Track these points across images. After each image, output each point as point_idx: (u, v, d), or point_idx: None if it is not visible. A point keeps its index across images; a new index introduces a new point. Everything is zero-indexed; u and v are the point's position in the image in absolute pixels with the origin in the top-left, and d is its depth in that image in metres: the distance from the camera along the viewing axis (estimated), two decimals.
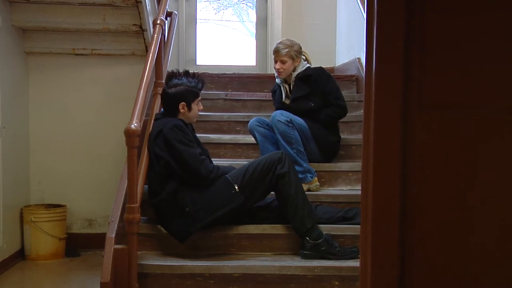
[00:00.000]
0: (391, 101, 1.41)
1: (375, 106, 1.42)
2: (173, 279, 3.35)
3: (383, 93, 1.42)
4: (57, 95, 5.10)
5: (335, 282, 3.36)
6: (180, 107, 3.67)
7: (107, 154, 5.06)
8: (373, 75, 1.43)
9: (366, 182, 1.47)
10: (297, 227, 3.52)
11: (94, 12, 4.70)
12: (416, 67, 1.41)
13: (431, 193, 1.43)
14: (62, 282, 4.29)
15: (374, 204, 1.44)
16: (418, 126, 1.42)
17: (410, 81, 1.41)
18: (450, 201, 1.42)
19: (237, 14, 6.99)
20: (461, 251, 1.43)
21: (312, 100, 4.15)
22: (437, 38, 1.41)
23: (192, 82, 3.71)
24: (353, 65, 5.33)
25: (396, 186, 1.42)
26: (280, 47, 4.18)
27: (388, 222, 1.43)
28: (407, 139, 1.42)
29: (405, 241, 1.43)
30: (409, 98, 1.41)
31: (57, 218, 4.81)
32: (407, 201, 1.42)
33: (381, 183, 1.43)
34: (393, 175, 1.42)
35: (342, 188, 4.15)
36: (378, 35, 1.42)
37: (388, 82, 1.41)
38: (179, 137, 3.47)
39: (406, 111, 1.41)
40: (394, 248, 1.43)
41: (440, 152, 1.42)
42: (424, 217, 1.43)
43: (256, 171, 3.49)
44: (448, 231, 1.43)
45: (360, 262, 1.51)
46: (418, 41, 1.40)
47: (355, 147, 4.39)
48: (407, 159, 1.42)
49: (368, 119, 1.45)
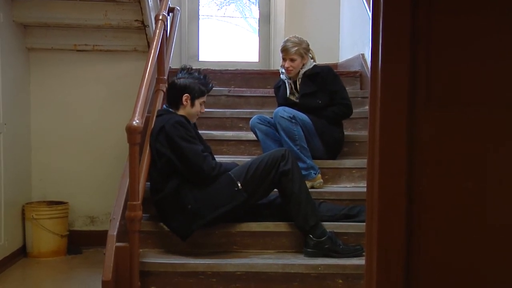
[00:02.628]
0: (397, 97, 1.40)
1: (381, 103, 1.41)
2: (175, 277, 3.33)
3: (389, 89, 1.40)
4: (58, 92, 5.09)
5: (339, 281, 3.33)
6: (183, 98, 3.64)
7: (109, 150, 5.05)
8: (379, 71, 1.41)
9: (371, 180, 1.46)
10: (301, 224, 3.50)
11: (96, 8, 4.68)
12: (423, 63, 1.39)
13: (438, 191, 1.41)
14: (63, 280, 4.28)
15: (380, 202, 1.42)
16: (425, 123, 1.40)
17: (416, 78, 1.39)
18: (457, 199, 1.41)
19: (239, 10, 6.95)
20: (469, 249, 1.41)
21: (319, 98, 4.13)
22: (443, 34, 1.39)
23: (202, 80, 3.72)
24: (356, 61, 5.30)
25: (402, 184, 1.41)
26: (289, 46, 4.15)
27: (394, 220, 1.42)
28: (414, 136, 1.40)
29: (412, 240, 1.41)
30: (416, 94, 1.39)
31: (58, 215, 4.80)
32: (413, 199, 1.41)
33: (387, 181, 1.42)
34: (399, 173, 1.41)
35: (346, 185, 4.12)
36: (384, 31, 1.40)
37: (394, 78, 1.40)
38: (181, 134, 3.45)
39: (412, 108, 1.40)
40: (400, 247, 1.41)
41: (447, 149, 1.40)
42: (430, 215, 1.41)
43: (259, 168, 3.46)
44: (456, 230, 1.41)
45: (366, 261, 1.50)
46: (425, 37, 1.39)
47: (358, 143, 4.36)
48: (413, 156, 1.41)
49: (374, 116, 1.44)
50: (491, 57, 1.39)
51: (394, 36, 1.39)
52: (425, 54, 1.39)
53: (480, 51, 1.39)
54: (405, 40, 1.38)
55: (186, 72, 3.75)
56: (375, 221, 1.44)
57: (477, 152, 1.40)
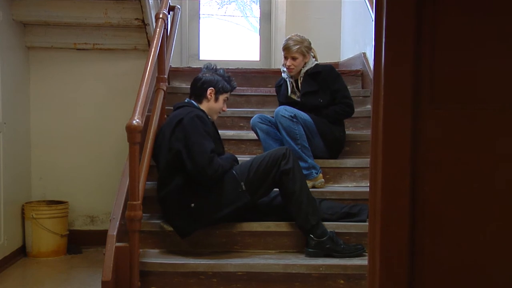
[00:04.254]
0: (401, 97, 1.39)
1: (384, 102, 1.40)
2: (176, 277, 3.31)
3: (392, 88, 1.39)
4: (58, 90, 5.07)
5: (340, 281, 3.32)
6: (208, 91, 3.68)
7: (109, 149, 5.04)
8: (382, 70, 1.40)
9: (374, 180, 1.45)
10: (301, 224, 3.48)
11: (96, 6, 4.66)
12: (427, 62, 1.38)
13: (443, 191, 1.40)
14: (63, 280, 4.26)
15: (383, 202, 1.41)
16: (430, 122, 1.39)
17: (420, 76, 1.38)
18: (462, 200, 1.40)
19: (240, 9, 6.93)
20: (473, 251, 1.40)
21: (320, 97, 4.12)
22: (448, 32, 1.38)
23: (226, 78, 3.78)
24: (358, 59, 5.28)
25: (405, 184, 1.40)
26: (291, 44, 4.13)
27: (398, 221, 1.41)
28: (417, 135, 1.39)
29: (415, 240, 1.40)
30: (420, 93, 1.38)
31: (58, 215, 4.78)
32: (417, 199, 1.40)
33: (390, 181, 1.41)
34: (402, 173, 1.40)
35: (347, 184, 4.11)
36: (387, 29, 1.39)
37: (398, 77, 1.38)
38: (198, 128, 3.44)
39: (416, 107, 1.38)
40: (404, 247, 1.40)
41: (451, 149, 1.39)
42: (435, 216, 1.40)
43: (260, 167, 3.45)
44: (460, 231, 1.40)
45: (368, 262, 1.49)
46: (429, 36, 1.38)
47: (360, 143, 4.35)
48: (417, 156, 1.39)
49: (376, 115, 1.42)
50: (496, 56, 1.38)
51: (398, 34, 1.38)
52: (430, 52, 1.37)
53: (484, 50, 1.38)
54: (409, 38, 1.37)
55: (211, 69, 3.81)
56: (378, 221, 1.42)
57: (482, 152, 1.39)
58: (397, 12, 1.37)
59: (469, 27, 1.38)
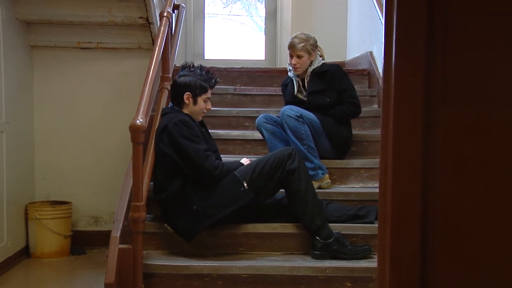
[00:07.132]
0: (412, 96, 1.34)
1: (395, 102, 1.36)
2: (180, 279, 3.28)
3: (403, 88, 1.35)
4: (62, 90, 5.06)
5: (347, 284, 3.27)
6: (185, 97, 3.60)
7: (113, 149, 5.01)
8: (392, 69, 1.36)
9: (384, 181, 1.41)
10: (307, 225, 3.45)
11: (100, 5, 4.64)
12: (439, 61, 1.33)
13: (455, 193, 1.35)
14: (66, 281, 4.24)
15: (393, 205, 1.37)
16: (442, 122, 1.35)
17: (432, 74, 1.34)
18: (475, 202, 1.35)
19: (245, 9, 6.91)
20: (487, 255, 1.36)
21: (327, 96, 4.08)
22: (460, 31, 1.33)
23: (203, 76, 3.66)
24: (365, 59, 5.24)
25: (417, 186, 1.36)
26: (296, 42, 4.10)
27: (408, 224, 1.36)
28: (429, 136, 1.35)
29: (427, 244, 1.36)
30: (431, 93, 1.34)
31: (62, 215, 4.77)
32: (428, 201, 1.36)
33: (401, 182, 1.36)
34: (414, 174, 1.35)
35: (354, 185, 4.07)
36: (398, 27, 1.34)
37: (409, 76, 1.34)
38: (184, 133, 3.41)
39: (428, 107, 1.34)
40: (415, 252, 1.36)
41: (464, 149, 1.35)
42: (447, 218, 1.36)
43: (265, 168, 3.41)
44: (473, 234, 1.35)
45: (378, 267, 1.45)
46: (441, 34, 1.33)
47: (367, 143, 4.31)
48: (428, 157, 1.35)
49: (387, 115, 1.38)
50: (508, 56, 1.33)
51: (409, 32, 1.33)
52: (441, 51, 1.33)
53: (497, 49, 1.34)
54: (420, 37, 1.33)
55: (187, 69, 3.70)
56: (388, 224, 1.38)
57: (495, 152, 1.34)
58: (407, 10, 1.33)
59: (481, 25, 1.33)
